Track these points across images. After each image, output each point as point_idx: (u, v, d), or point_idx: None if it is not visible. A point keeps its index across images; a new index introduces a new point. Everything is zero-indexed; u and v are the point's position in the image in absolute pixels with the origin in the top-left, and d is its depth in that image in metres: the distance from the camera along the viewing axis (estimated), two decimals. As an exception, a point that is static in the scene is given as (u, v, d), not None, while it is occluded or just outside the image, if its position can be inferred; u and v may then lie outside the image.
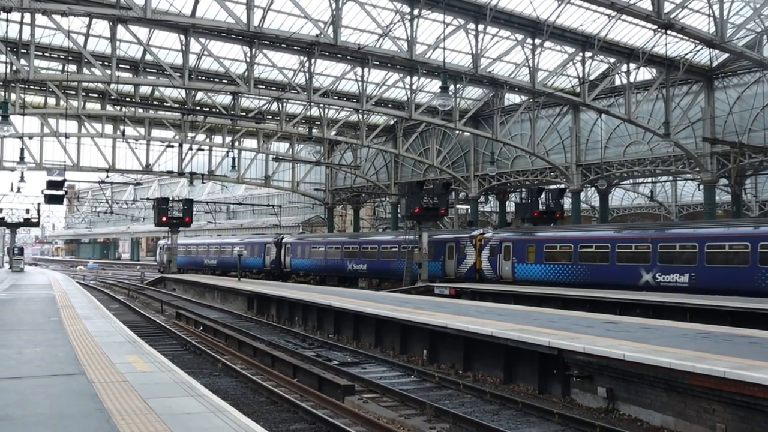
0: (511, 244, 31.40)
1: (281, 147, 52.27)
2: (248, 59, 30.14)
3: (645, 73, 35.73)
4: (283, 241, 47.23)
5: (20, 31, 27.02)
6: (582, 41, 31.04)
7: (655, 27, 25.20)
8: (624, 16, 27.49)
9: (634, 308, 21.11)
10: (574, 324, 15.08)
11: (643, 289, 25.02)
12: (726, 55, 32.28)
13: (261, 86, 33.36)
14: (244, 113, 38.40)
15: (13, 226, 58.79)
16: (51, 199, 42.35)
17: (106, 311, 18.40)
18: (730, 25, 27.22)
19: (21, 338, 12.23)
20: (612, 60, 34.54)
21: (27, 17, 25.40)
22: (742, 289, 22.14)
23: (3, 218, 58.11)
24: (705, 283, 23.48)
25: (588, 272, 27.75)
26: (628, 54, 32.70)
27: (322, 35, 25.78)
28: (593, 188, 45.55)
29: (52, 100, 38.02)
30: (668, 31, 25.33)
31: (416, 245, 34.25)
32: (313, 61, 30.90)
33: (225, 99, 39.29)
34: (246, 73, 30.89)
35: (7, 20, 22.64)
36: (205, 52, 30.71)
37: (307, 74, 31.46)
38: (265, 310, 27.65)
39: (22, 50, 27.42)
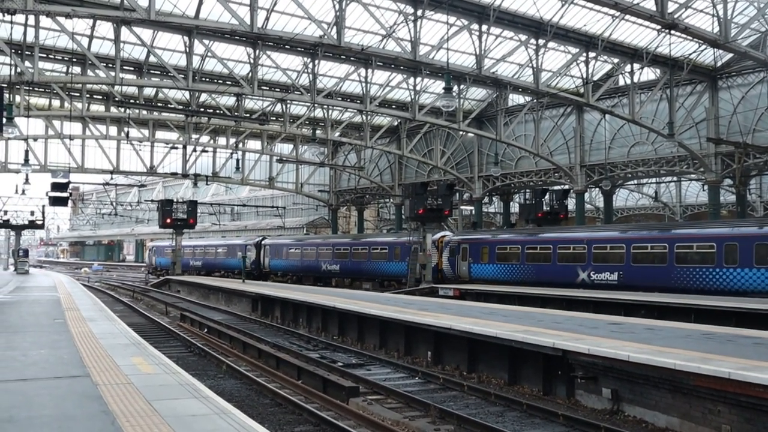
0: (468, 245, 33.45)
1: (285, 148, 52.36)
2: (252, 60, 30.19)
3: (649, 74, 35.68)
4: (263, 242, 48.32)
5: (24, 33, 27.05)
6: (585, 42, 31.03)
7: (658, 27, 25.14)
8: (628, 17, 27.45)
9: (638, 309, 21.12)
10: (579, 325, 15.05)
11: (580, 286, 27.11)
12: (730, 55, 32.20)
13: (265, 87, 33.38)
14: (248, 114, 38.47)
15: (18, 228, 59.10)
16: (55, 201, 42.55)
17: (110, 313, 18.43)
18: (734, 24, 27.15)
19: (26, 340, 12.27)
20: (616, 60, 34.49)
21: (31, 19, 25.48)
22: (660, 286, 24.38)
23: (8, 220, 58.41)
24: (631, 280, 25.65)
25: (534, 271, 29.99)
26: (631, 54, 32.66)
27: (326, 36, 25.78)
28: (597, 189, 45.50)
29: (56, 102, 38.07)
30: (672, 31, 25.26)
31: (384, 247, 36.77)
32: (316, 62, 30.94)
33: (229, 100, 39.41)
34: (250, 75, 30.93)
35: (11, 22, 22.68)
36: (209, 54, 30.74)
37: (310, 75, 31.50)
38: (270, 312, 27.68)
39: (27, 52, 27.49)
